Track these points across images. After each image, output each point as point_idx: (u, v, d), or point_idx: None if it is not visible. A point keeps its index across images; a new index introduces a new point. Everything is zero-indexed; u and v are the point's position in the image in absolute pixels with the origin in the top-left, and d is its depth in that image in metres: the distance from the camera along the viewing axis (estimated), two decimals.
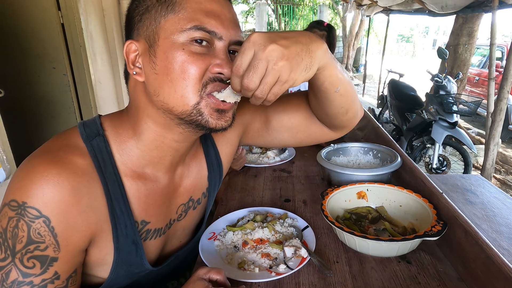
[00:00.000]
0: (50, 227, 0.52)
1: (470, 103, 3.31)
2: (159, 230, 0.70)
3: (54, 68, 2.71)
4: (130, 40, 0.58)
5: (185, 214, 0.76)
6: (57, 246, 0.53)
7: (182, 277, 0.83)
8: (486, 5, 3.54)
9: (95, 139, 0.60)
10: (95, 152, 0.58)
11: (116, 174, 0.60)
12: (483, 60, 6.43)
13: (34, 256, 0.52)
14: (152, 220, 0.67)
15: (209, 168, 0.78)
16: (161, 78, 0.56)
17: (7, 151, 1.61)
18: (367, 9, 6.48)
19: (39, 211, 0.51)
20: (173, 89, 0.55)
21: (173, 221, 0.74)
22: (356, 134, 1.90)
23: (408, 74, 5.66)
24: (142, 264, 0.67)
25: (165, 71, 0.55)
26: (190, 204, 0.76)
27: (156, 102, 0.57)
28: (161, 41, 0.55)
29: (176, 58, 0.54)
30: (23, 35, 2.66)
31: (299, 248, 0.81)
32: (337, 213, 1.00)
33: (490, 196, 1.25)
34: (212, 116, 0.57)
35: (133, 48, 0.58)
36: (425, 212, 0.91)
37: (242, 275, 0.76)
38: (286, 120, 0.78)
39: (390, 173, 1.15)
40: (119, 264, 0.63)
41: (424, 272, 0.78)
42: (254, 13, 12.56)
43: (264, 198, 1.16)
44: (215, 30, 0.55)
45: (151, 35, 0.56)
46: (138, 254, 0.65)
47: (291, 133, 0.80)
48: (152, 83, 0.57)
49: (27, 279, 0.52)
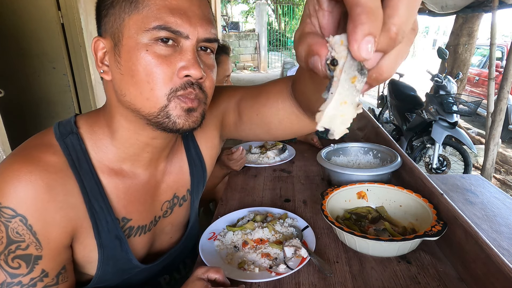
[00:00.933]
0: (27, 225, 0.52)
1: (470, 103, 3.31)
2: (143, 227, 0.69)
3: (54, 68, 2.71)
4: (98, 37, 0.56)
5: (171, 211, 0.75)
6: (39, 244, 0.53)
7: (175, 271, 0.82)
8: (486, 5, 3.54)
9: (69, 137, 0.59)
10: (68, 150, 0.58)
11: (92, 171, 0.60)
12: (483, 60, 6.43)
13: (18, 256, 0.52)
14: (134, 217, 0.66)
15: (190, 163, 0.76)
16: (127, 79, 0.54)
17: (7, 151, 1.61)
18: None
19: (14, 210, 0.51)
20: (138, 91, 0.53)
21: (158, 218, 0.72)
22: (356, 134, 1.90)
23: (408, 74, 5.66)
24: (129, 260, 0.66)
25: (130, 73, 0.53)
26: (175, 201, 0.75)
27: (123, 102, 0.56)
28: (125, 40, 0.53)
29: (140, 60, 0.52)
30: (23, 35, 2.66)
31: (299, 248, 0.81)
32: (337, 213, 1.00)
33: (490, 196, 1.25)
34: (180, 117, 0.55)
35: (101, 46, 0.56)
36: (425, 212, 0.91)
37: (242, 275, 0.76)
38: (254, 116, 0.68)
39: (390, 173, 1.15)
40: (105, 260, 0.62)
41: (424, 272, 0.78)
42: (254, 13, 12.56)
43: (264, 198, 1.16)
44: (180, 29, 0.52)
45: (116, 33, 0.53)
46: (123, 249, 0.64)
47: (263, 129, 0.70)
48: (118, 83, 0.55)
49: (15, 280, 0.52)
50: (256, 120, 0.68)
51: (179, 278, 0.83)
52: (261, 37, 11.31)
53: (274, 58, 12.51)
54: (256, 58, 11.63)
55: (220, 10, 8.48)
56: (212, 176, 1.34)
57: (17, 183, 0.51)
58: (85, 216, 0.59)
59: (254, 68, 11.58)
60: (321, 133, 1.80)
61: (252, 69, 11.50)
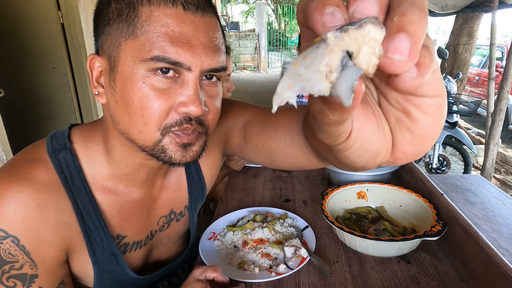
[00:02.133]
0: (20, 246, 0.50)
1: (470, 103, 3.31)
2: (139, 243, 0.67)
3: (54, 68, 2.71)
4: (94, 54, 0.52)
5: (168, 226, 0.74)
6: (33, 263, 0.52)
7: (174, 276, 0.82)
8: (486, 5, 3.54)
9: (62, 152, 0.56)
10: (61, 167, 0.55)
11: (86, 188, 0.57)
12: (483, 60, 6.43)
13: (12, 276, 0.51)
14: (129, 234, 0.65)
15: (189, 181, 0.74)
16: (121, 107, 0.50)
17: (7, 151, 1.61)
18: None
19: (4, 231, 0.49)
20: (132, 123, 0.50)
21: (154, 232, 0.71)
22: None
23: None
24: (126, 273, 0.65)
25: (124, 103, 0.49)
26: (172, 216, 0.73)
27: (117, 128, 0.53)
28: (120, 67, 0.48)
29: (136, 92, 0.48)
30: (23, 35, 2.66)
31: (299, 248, 0.81)
32: (337, 213, 1.00)
33: (490, 196, 1.25)
34: (176, 152, 0.52)
35: (97, 64, 0.52)
36: (425, 212, 0.91)
37: (242, 275, 0.76)
38: (260, 145, 0.64)
39: (390, 173, 1.15)
40: (101, 275, 0.62)
41: (424, 272, 0.78)
42: (254, 13, 12.56)
43: (264, 198, 1.16)
44: (181, 60, 0.47)
45: (112, 56, 0.49)
46: (119, 265, 0.63)
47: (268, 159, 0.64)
48: (113, 110, 0.52)
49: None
50: (261, 149, 0.64)
51: (178, 283, 0.82)
52: (261, 37, 11.31)
53: (274, 58, 12.51)
54: (256, 58, 11.63)
55: (220, 10, 8.48)
56: None
57: (7, 203, 0.49)
58: (79, 234, 0.57)
59: (254, 68, 11.58)
60: None
61: (252, 69, 11.50)
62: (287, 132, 0.58)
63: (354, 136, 0.26)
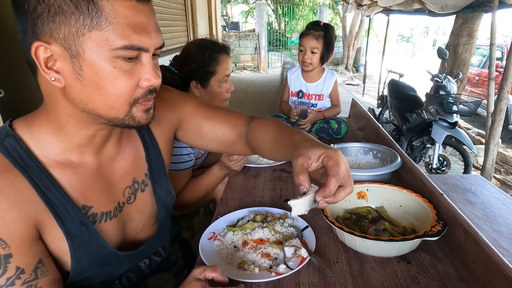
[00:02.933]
0: None
1: (470, 103, 3.31)
2: (108, 213, 0.70)
3: None
4: (39, 43, 0.53)
5: (134, 197, 0.77)
6: (4, 243, 0.54)
7: (155, 254, 0.83)
8: (486, 5, 3.54)
9: (6, 140, 0.59)
10: (8, 151, 0.58)
11: (39, 167, 0.60)
12: (483, 60, 6.43)
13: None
14: (95, 204, 0.67)
15: (146, 149, 0.79)
16: (90, 90, 0.56)
17: None
18: (367, 9, 6.48)
19: None
20: (104, 102, 0.57)
21: (122, 204, 0.74)
22: (356, 134, 1.90)
23: (408, 74, 5.66)
24: (101, 244, 0.67)
25: (95, 86, 0.55)
26: (136, 186, 0.77)
27: (82, 107, 0.58)
28: (86, 55, 0.53)
29: (108, 76, 0.55)
30: None
31: (299, 248, 0.81)
32: (337, 213, 1.00)
33: (490, 196, 1.25)
34: (142, 117, 0.62)
35: (46, 52, 0.54)
36: (425, 212, 0.91)
37: (242, 275, 0.76)
38: (211, 147, 0.89)
39: (390, 173, 1.15)
40: (77, 249, 0.63)
41: (424, 272, 0.79)
42: (254, 13, 12.56)
43: (264, 198, 1.16)
44: (144, 45, 0.56)
45: (72, 45, 0.53)
46: (91, 234, 0.65)
47: (220, 146, 0.88)
48: (78, 93, 0.57)
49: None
50: (212, 148, 0.90)
51: (159, 261, 0.84)
52: (261, 37, 11.31)
53: (274, 58, 12.52)
54: (256, 58, 11.64)
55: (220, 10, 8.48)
56: (212, 176, 1.34)
57: None
58: (44, 208, 0.59)
59: (254, 68, 11.58)
60: (321, 133, 1.80)
61: (252, 69, 11.50)
62: (232, 145, 0.89)
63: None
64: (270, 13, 15.95)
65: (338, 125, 1.77)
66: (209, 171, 1.35)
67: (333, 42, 1.82)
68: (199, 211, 1.64)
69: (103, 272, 0.70)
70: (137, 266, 0.79)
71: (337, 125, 1.77)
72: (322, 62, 1.86)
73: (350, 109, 2.30)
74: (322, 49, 1.79)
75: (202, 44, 1.38)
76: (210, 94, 1.38)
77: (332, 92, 1.94)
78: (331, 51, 1.83)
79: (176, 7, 4.98)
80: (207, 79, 1.35)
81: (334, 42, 1.85)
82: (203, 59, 1.33)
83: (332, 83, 1.93)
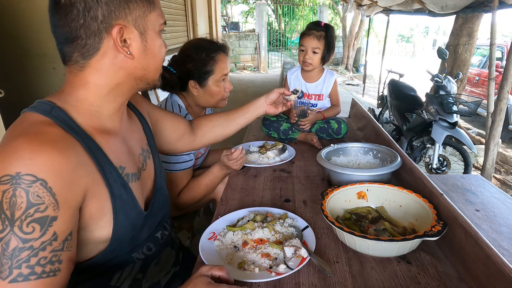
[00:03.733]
0: (47, 188, 0.56)
1: (470, 103, 3.30)
2: (135, 175, 0.79)
3: (54, 68, 2.71)
4: (121, 25, 0.66)
5: (145, 164, 0.86)
6: (57, 204, 0.58)
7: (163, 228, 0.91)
8: (486, 5, 3.54)
9: (52, 111, 0.65)
10: (59, 120, 0.64)
11: (85, 133, 0.67)
12: (483, 60, 6.43)
13: (34, 220, 0.56)
14: (127, 166, 0.76)
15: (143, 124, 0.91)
16: (149, 58, 0.72)
17: None
18: (367, 9, 6.48)
19: (34, 176, 0.55)
20: (155, 66, 0.75)
21: (140, 170, 0.83)
22: (356, 134, 1.90)
23: (408, 74, 5.66)
24: (135, 206, 0.75)
25: (152, 53, 0.73)
26: (145, 154, 0.87)
27: (138, 74, 0.73)
28: (149, 31, 0.71)
29: (158, 45, 0.74)
30: (23, 35, 2.66)
31: (299, 248, 0.81)
32: (337, 213, 1.00)
33: (490, 196, 1.25)
34: (160, 80, 0.80)
35: (119, 32, 0.66)
36: (425, 212, 0.91)
37: (242, 275, 0.76)
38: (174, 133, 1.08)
39: (390, 173, 1.15)
40: (118, 209, 0.70)
41: (424, 272, 0.79)
42: (254, 13, 12.56)
43: (264, 198, 1.16)
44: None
45: (140, 25, 0.69)
46: (128, 194, 0.73)
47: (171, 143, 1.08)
48: (141, 62, 0.71)
49: (27, 244, 0.55)
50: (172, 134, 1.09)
51: (167, 234, 0.92)
52: (261, 37, 11.31)
53: (274, 58, 12.52)
54: (256, 58, 11.64)
55: (220, 10, 8.47)
56: (212, 176, 1.34)
57: (32, 153, 0.56)
58: (94, 170, 0.66)
59: (254, 68, 11.58)
60: (321, 133, 1.80)
61: (252, 69, 11.50)
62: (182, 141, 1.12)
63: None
64: (270, 13, 15.95)
65: (338, 125, 1.77)
66: (209, 171, 1.35)
67: (333, 42, 1.82)
68: (199, 211, 1.64)
69: (132, 238, 0.76)
70: (155, 237, 0.86)
71: (337, 125, 1.77)
72: (323, 63, 1.86)
73: (350, 109, 2.30)
74: (324, 49, 1.79)
75: (199, 44, 1.38)
76: (208, 93, 1.39)
77: (331, 92, 1.94)
78: (332, 51, 1.83)
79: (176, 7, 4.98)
80: (205, 79, 1.35)
81: (335, 43, 1.85)
82: (200, 59, 1.33)
83: (332, 83, 1.93)
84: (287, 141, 1.78)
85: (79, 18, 0.63)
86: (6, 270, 0.54)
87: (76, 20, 0.63)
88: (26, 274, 0.55)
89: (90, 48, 0.66)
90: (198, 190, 1.35)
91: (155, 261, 0.86)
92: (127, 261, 0.79)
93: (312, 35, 1.78)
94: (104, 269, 0.75)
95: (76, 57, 0.67)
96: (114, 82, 0.71)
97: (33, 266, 0.56)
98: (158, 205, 0.88)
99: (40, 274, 0.56)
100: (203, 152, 1.58)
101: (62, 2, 0.62)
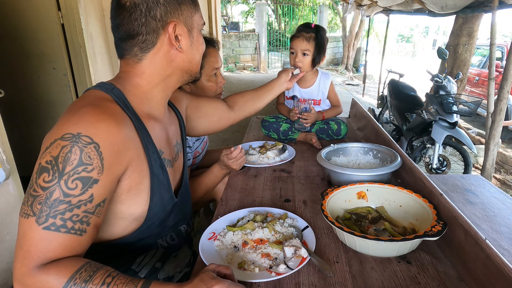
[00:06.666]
0: (99, 151, 0.64)
1: (470, 103, 3.30)
2: (170, 161, 0.87)
3: (54, 68, 2.71)
4: (175, 22, 0.77)
5: (177, 156, 0.93)
6: (101, 169, 0.65)
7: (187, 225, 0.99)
8: (486, 5, 3.54)
9: (113, 90, 0.75)
10: (117, 99, 0.74)
11: (135, 114, 0.77)
12: (483, 60, 6.43)
13: (79, 178, 0.62)
14: (165, 151, 0.84)
15: (178, 119, 1.00)
16: (194, 52, 0.84)
17: (7, 151, 1.61)
18: (367, 9, 6.48)
19: (91, 138, 0.64)
20: (197, 59, 0.86)
21: (173, 159, 0.90)
22: (356, 134, 1.90)
23: (408, 74, 5.66)
24: (168, 187, 0.83)
25: (196, 48, 0.84)
26: (178, 147, 0.94)
27: (185, 67, 0.83)
28: (194, 29, 0.82)
29: (200, 42, 0.85)
30: (23, 36, 2.66)
31: (299, 248, 0.81)
32: (337, 213, 1.00)
33: (490, 196, 1.25)
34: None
35: (173, 29, 0.76)
36: (425, 212, 0.91)
37: (242, 275, 0.76)
38: (215, 113, 1.19)
39: (390, 173, 1.15)
40: (155, 188, 0.78)
41: (424, 272, 0.79)
42: (254, 13, 12.56)
43: (264, 198, 1.16)
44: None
45: (189, 23, 0.80)
46: (164, 176, 0.82)
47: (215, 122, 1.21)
48: (188, 55, 0.82)
49: (66, 199, 0.62)
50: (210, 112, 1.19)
51: (189, 232, 1.01)
52: (261, 37, 11.31)
53: (274, 58, 12.51)
54: (256, 58, 11.63)
55: (220, 10, 8.47)
56: (212, 176, 1.34)
57: (94, 119, 0.65)
58: (140, 147, 0.75)
59: (254, 68, 11.58)
60: (321, 134, 1.80)
61: (252, 69, 11.50)
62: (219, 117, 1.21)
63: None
64: (270, 13, 15.94)
65: (338, 126, 1.76)
66: (209, 170, 1.35)
67: (324, 44, 1.75)
68: (199, 211, 1.64)
69: (160, 222, 0.84)
70: (179, 229, 0.94)
71: (336, 126, 1.77)
72: (314, 65, 1.80)
73: (350, 109, 2.30)
74: (314, 51, 1.73)
75: None
76: (200, 88, 1.39)
77: (329, 94, 1.90)
78: (323, 53, 1.76)
79: None
80: None
81: (326, 44, 1.78)
82: None
83: (328, 85, 1.88)
84: (287, 141, 1.78)
85: (142, 17, 0.73)
86: (43, 217, 0.60)
87: (139, 19, 0.73)
88: (59, 225, 0.61)
89: (149, 43, 0.76)
90: (198, 190, 1.35)
91: (175, 254, 0.93)
92: (151, 246, 0.86)
93: (301, 37, 1.72)
94: (131, 251, 0.82)
95: (136, 51, 0.77)
96: (166, 73, 0.81)
97: (66, 220, 0.62)
98: (184, 198, 0.95)
99: (69, 229, 0.62)
100: (201, 151, 1.58)
101: (127, 5, 0.73)
